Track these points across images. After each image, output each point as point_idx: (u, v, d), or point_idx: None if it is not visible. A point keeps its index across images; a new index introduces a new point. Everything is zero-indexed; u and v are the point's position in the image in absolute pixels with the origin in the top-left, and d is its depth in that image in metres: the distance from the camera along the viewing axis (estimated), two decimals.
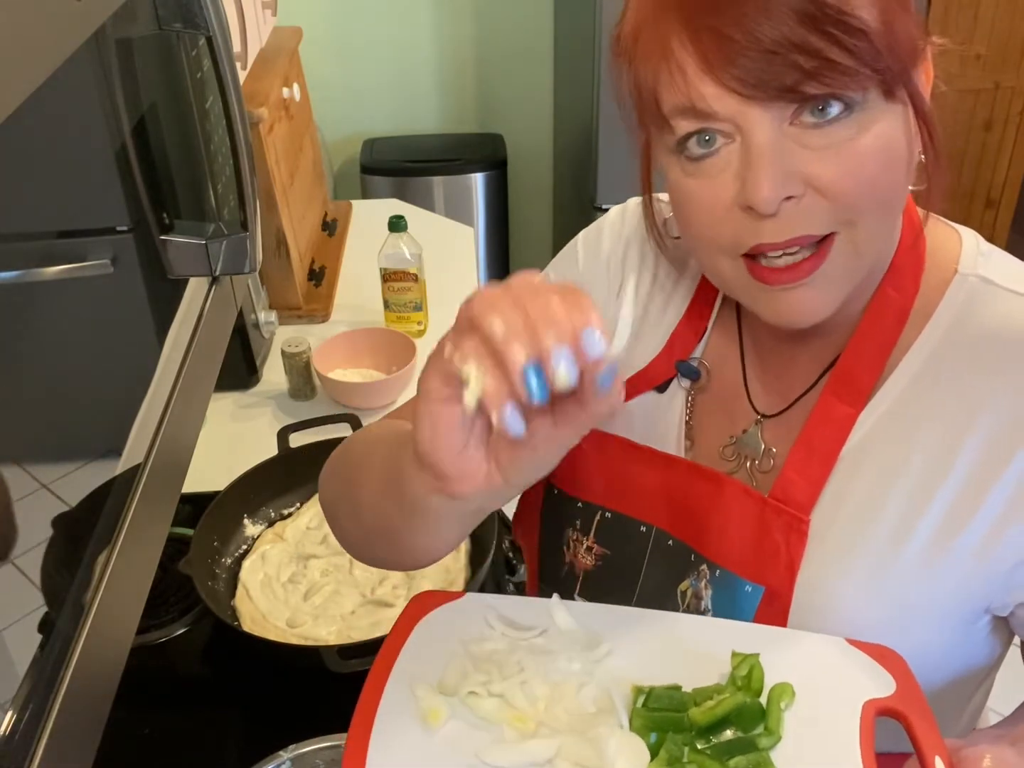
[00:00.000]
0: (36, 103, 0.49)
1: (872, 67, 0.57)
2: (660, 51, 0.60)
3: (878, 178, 0.60)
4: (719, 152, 0.61)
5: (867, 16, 0.57)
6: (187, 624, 1.16)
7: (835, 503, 0.68)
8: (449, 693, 0.61)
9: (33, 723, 0.49)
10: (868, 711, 0.59)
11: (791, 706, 0.60)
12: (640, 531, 0.75)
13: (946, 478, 0.65)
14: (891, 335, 0.68)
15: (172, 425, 0.73)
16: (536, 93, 3.15)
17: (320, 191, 2.12)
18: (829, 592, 0.67)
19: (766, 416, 0.74)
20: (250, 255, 0.84)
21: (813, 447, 0.68)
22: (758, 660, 0.62)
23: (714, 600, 0.71)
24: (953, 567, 0.65)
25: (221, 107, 0.77)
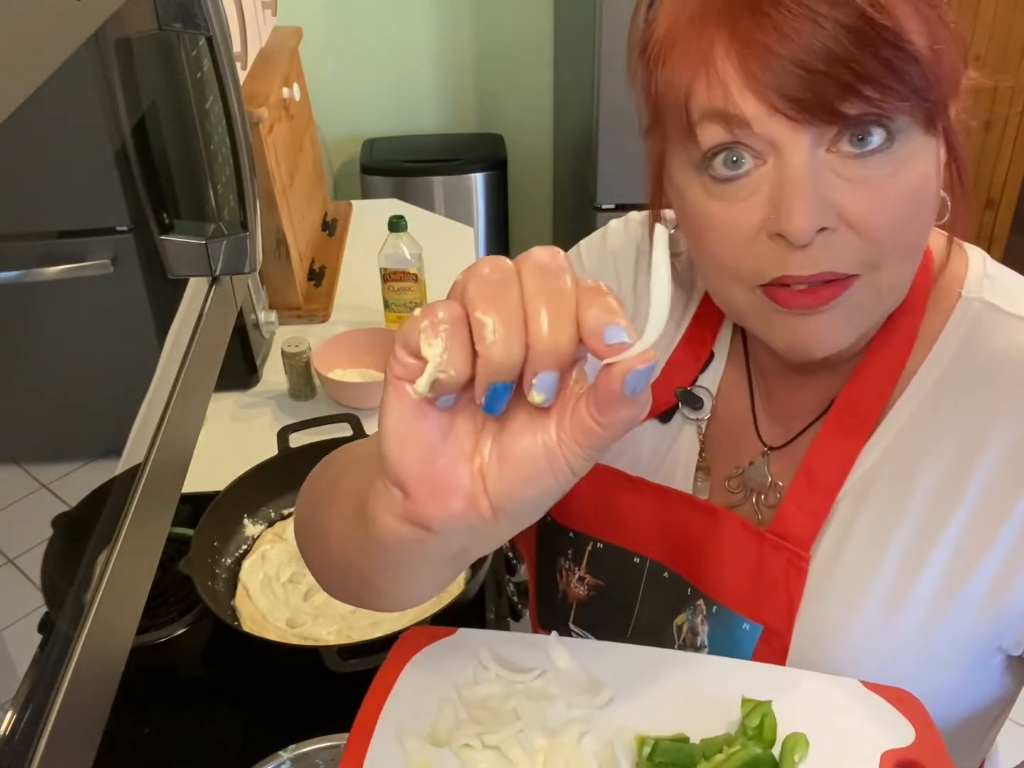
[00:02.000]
0: (36, 103, 0.49)
1: (920, 95, 0.54)
2: (700, 59, 0.56)
3: (910, 218, 0.57)
4: (748, 175, 0.57)
5: (919, 43, 0.54)
6: (187, 624, 1.16)
7: (838, 539, 0.65)
8: (441, 744, 0.57)
9: (33, 723, 0.49)
10: (887, 763, 0.56)
11: (805, 758, 0.57)
12: (634, 563, 0.72)
13: (954, 512, 0.63)
14: (897, 363, 0.65)
15: (172, 425, 0.73)
16: (536, 93, 3.15)
17: (320, 191, 2.12)
18: (832, 633, 0.65)
19: (772, 448, 0.71)
20: (250, 255, 0.84)
21: (814, 480, 0.65)
22: (770, 708, 0.58)
23: (711, 636, 0.68)
24: (965, 606, 0.63)
25: (221, 107, 0.77)
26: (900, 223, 0.57)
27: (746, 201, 0.57)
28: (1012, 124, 3.14)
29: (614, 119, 2.46)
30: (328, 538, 0.59)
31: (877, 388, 0.65)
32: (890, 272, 0.59)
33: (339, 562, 0.57)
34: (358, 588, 0.58)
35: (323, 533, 0.60)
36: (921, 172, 0.56)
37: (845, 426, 0.66)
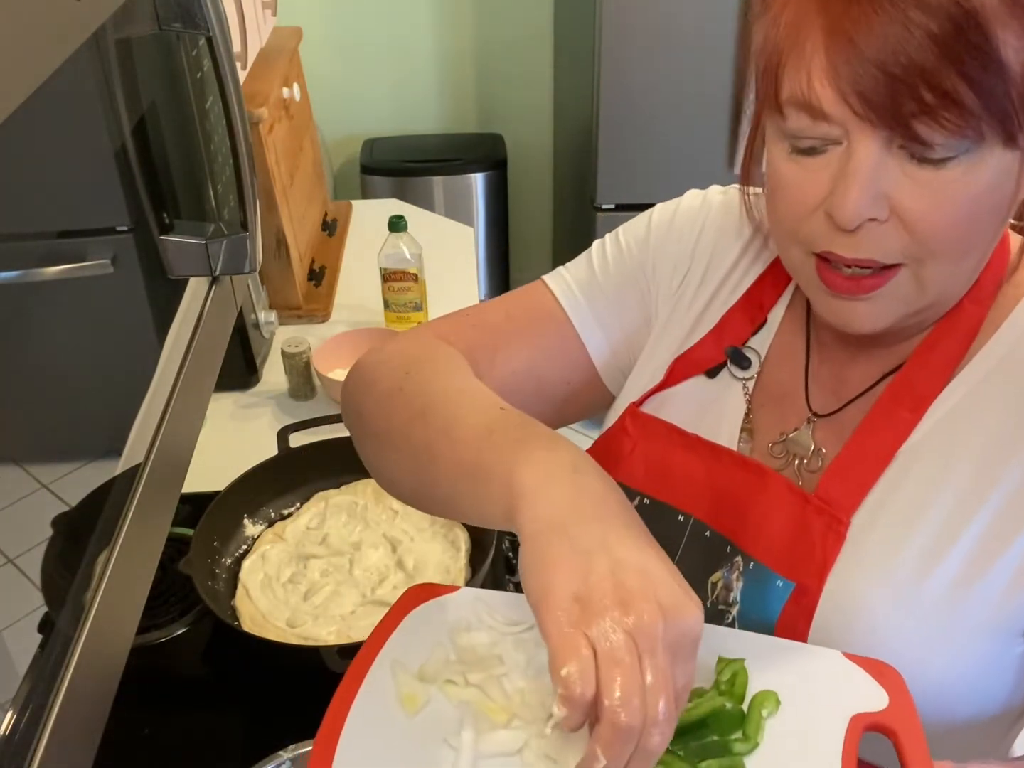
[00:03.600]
0: (36, 103, 0.49)
1: (999, 114, 0.53)
2: (793, 42, 0.58)
3: (969, 223, 0.58)
4: (826, 150, 0.59)
5: (1011, 57, 0.53)
6: (187, 624, 1.16)
7: (877, 509, 0.67)
8: (428, 680, 0.61)
9: (33, 723, 0.49)
10: (856, 725, 0.58)
11: (774, 714, 0.59)
12: (678, 520, 0.74)
13: (990, 494, 0.64)
14: (960, 347, 0.67)
15: (172, 425, 0.73)
16: (536, 93, 3.15)
17: (320, 191, 2.12)
18: (858, 597, 0.66)
19: (819, 415, 0.73)
20: (250, 255, 0.84)
21: (865, 449, 0.67)
22: (743, 666, 0.60)
23: (744, 592, 0.70)
24: (990, 586, 0.64)
25: (221, 107, 0.77)
26: (953, 228, 0.58)
27: (817, 173, 0.60)
28: None
29: (614, 119, 2.46)
30: (436, 455, 0.64)
31: (938, 370, 0.67)
32: (934, 270, 0.60)
33: (440, 500, 0.66)
34: (439, 511, 0.68)
35: (425, 475, 0.66)
36: (990, 181, 0.57)
37: (902, 401, 0.67)
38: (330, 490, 1.33)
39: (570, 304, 0.81)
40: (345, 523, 1.27)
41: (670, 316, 0.80)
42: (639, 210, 0.91)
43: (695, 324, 0.79)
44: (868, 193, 0.57)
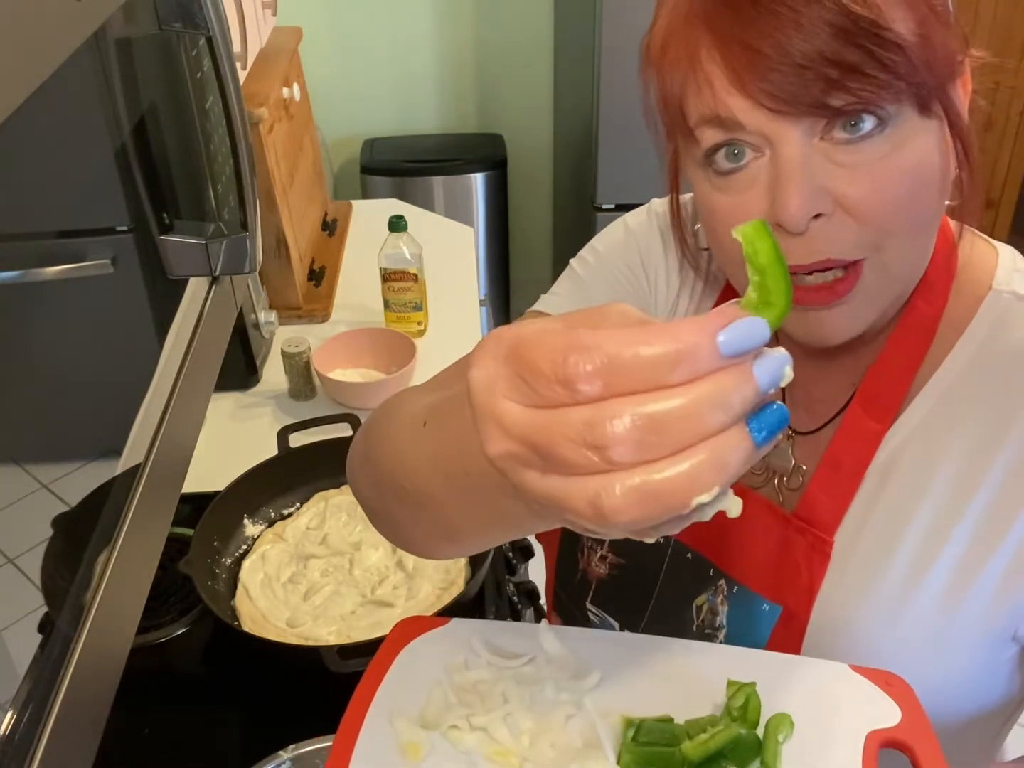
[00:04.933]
0: (36, 103, 0.49)
1: (907, 80, 0.55)
2: (688, 62, 0.58)
3: (910, 198, 0.58)
4: (748, 166, 0.59)
5: (903, 29, 0.55)
6: (187, 624, 1.16)
7: (859, 524, 0.66)
8: (430, 726, 0.58)
9: (33, 723, 0.49)
10: (872, 742, 0.56)
11: (789, 738, 0.57)
12: (658, 542, 0.73)
13: (972, 500, 0.64)
14: (919, 349, 0.66)
15: (172, 425, 0.73)
16: (536, 93, 3.15)
17: (320, 191, 2.12)
18: (848, 616, 0.65)
19: (798, 432, 0.72)
20: (250, 255, 0.84)
21: (840, 464, 0.66)
22: (754, 689, 0.59)
23: (730, 616, 0.69)
24: (979, 593, 0.63)
25: (221, 107, 0.77)
26: (898, 204, 0.57)
27: (747, 192, 0.59)
28: (1012, 124, 3.14)
29: (614, 119, 2.46)
30: (409, 470, 0.58)
31: (899, 375, 0.66)
32: (896, 250, 0.59)
33: (416, 495, 0.57)
34: (426, 523, 0.58)
35: (405, 463, 0.59)
36: (918, 153, 0.57)
37: (869, 412, 0.66)
38: (330, 490, 1.33)
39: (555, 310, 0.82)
40: (345, 523, 1.27)
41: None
42: None
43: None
44: (806, 189, 0.56)
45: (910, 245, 0.60)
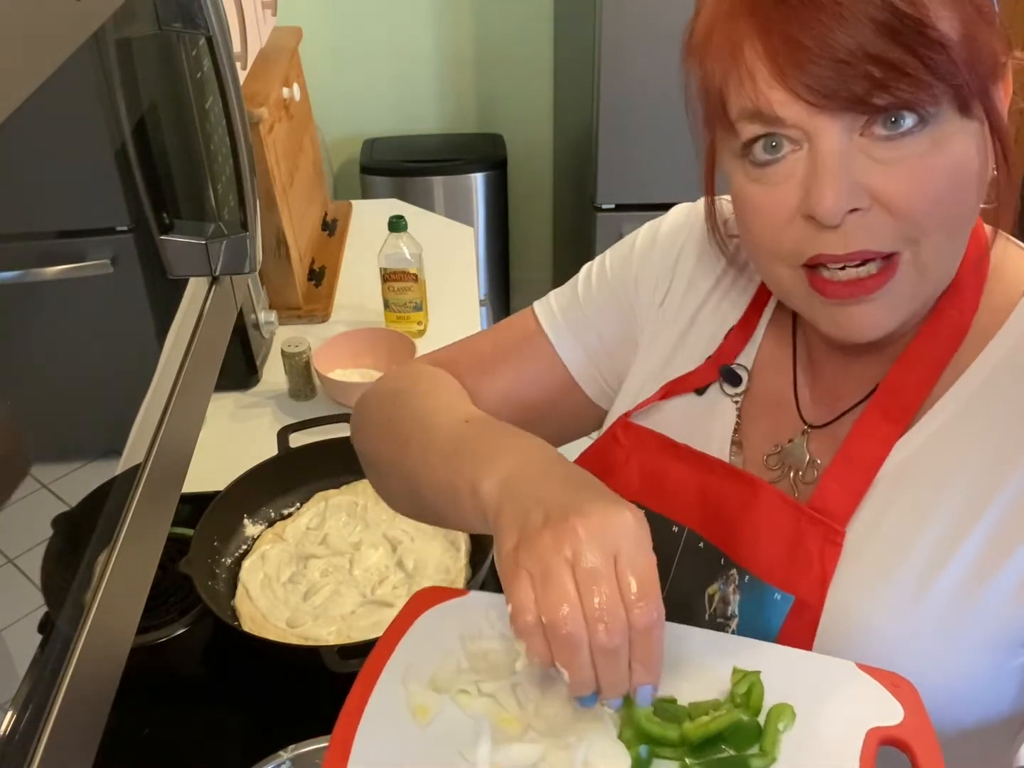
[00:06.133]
0: (36, 103, 0.49)
1: (948, 81, 0.55)
2: (731, 53, 0.58)
3: (947, 197, 0.58)
4: (785, 159, 0.59)
5: (947, 28, 0.55)
6: (187, 624, 1.16)
7: (874, 519, 0.66)
8: (441, 690, 0.61)
9: (33, 723, 0.49)
10: (871, 739, 0.57)
11: (790, 728, 0.58)
12: (672, 531, 0.74)
13: (987, 509, 0.63)
14: (944, 354, 0.66)
15: (172, 425, 0.73)
16: (536, 93, 3.15)
17: (320, 191, 2.12)
18: (861, 608, 0.65)
19: (813, 427, 0.72)
20: (250, 255, 0.84)
21: (853, 460, 0.67)
22: (759, 678, 0.60)
23: (742, 606, 0.69)
24: (992, 597, 0.63)
25: (221, 107, 0.77)
26: (935, 201, 0.57)
27: (783, 184, 0.60)
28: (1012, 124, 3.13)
29: (614, 119, 2.46)
30: (419, 489, 0.70)
31: (923, 377, 0.66)
32: (931, 249, 0.60)
33: (428, 506, 0.71)
34: (408, 494, 0.74)
35: (413, 484, 0.71)
36: (958, 152, 0.57)
37: (887, 411, 0.66)
38: (330, 490, 1.33)
39: (549, 324, 0.83)
40: (345, 523, 1.27)
41: (656, 331, 0.81)
42: (639, 210, 0.92)
43: (680, 338, 0.80)
44: (843, 183, 0.57)
45: (945, 244, 0.60)
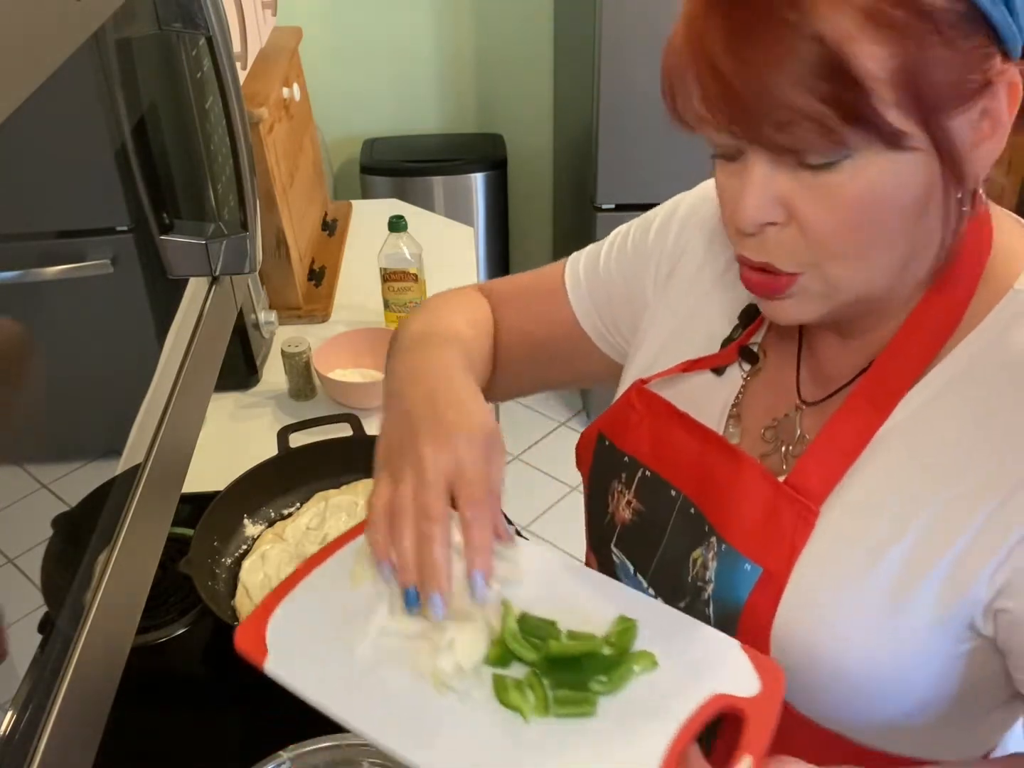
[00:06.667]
0: (36, 103, 0.49)
1: (866, 123, 0.55)
2: (680, 75, 0.61)
3: (859, 226, 0.59)
4: (739, 156, 0.61)
5: (875, 68, 0.54)
6: (187, 624, 1.16)
7: (844, 500, 0.68)
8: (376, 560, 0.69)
9: (33, 723, 0.49)
10: (716, 702, 0.61)
11: (649, 673, 0.63)
12: (670, 495, 0.77)
13: (936, 500, 0.64)
14: (938, 337, 0.66)
15: (172, 425, 0.73)
16: (536, 93, 3.15)
17: (320, 191, 2.12)
18: (819, 587, 0.67)
19: (807, 403, 0.75)
20: (250, 255, 0.84)
21: (835, 438, 0.68)
22: (634, 624, 0.65)
23: (717, 573, 0.72)
24: (932, 583, 0.64)
25: (221, 107, 0.77)
26: (847, 229, 0.59)
27: (733, 179, 0.62)
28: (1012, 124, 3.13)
29: (614, 119, 2.46)
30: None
31: (909, 364, 0.67)
32: (837, 271, 0.62)
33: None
34: None
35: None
36: (877, 183, 0.57)
37: (872, 393, 0.68)
38: (330, 490, 1.33)
39: (572, 279, 0.91)
40: (345, 523, 1.27)
41: (669, 301, 0.85)
42: (639, 210, 0.93)
43: (694, 313, 0.82)
44: (761, 199, 0.59)
45: (857, 267, 0.62)
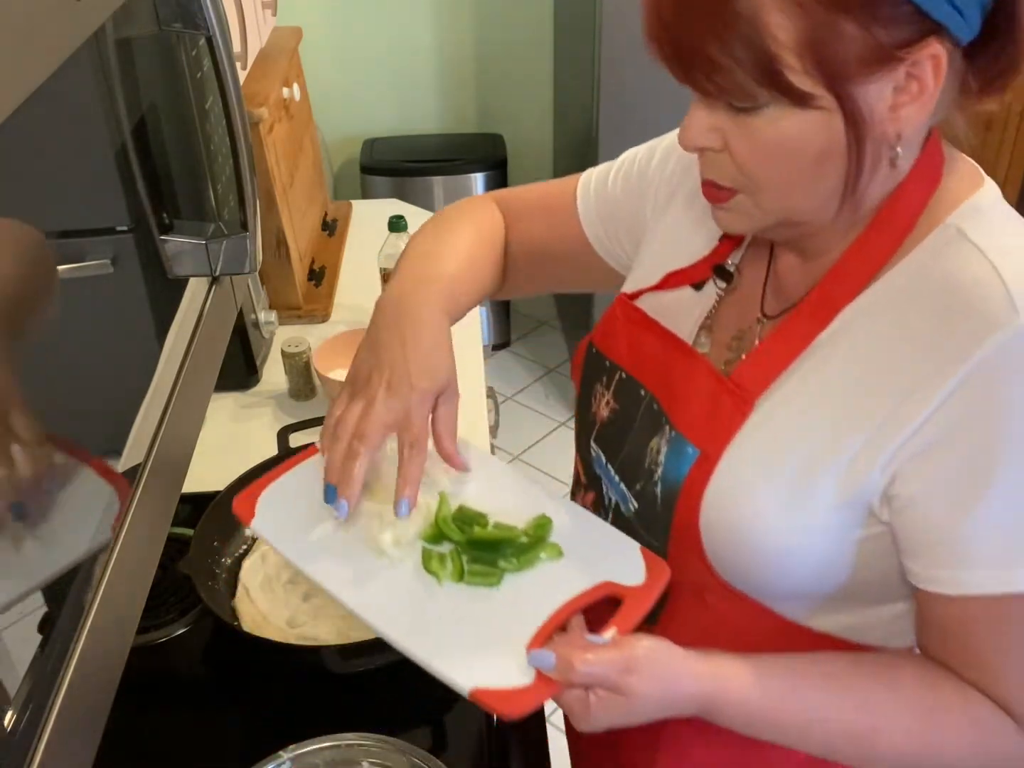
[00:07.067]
0: (36, 103, 0.49)
1: (767, 81, 0.62)
2: (644, 4, 0.68)
3: (780, 166, 0.68)
4: None
5: (783, 36, 0.61)
6: (187, 624, 1.16)
7: (776, 396, 0.77)
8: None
9: (33, 723, 0.49)
10: (603, 587, 0.76)
11: (552, 561, 0.79)
12: (640, 394, 0.87)
13: (860, 391, 0.72)
14: (869, 269, 0.74)
15: (172, 425, 0.73)
16: (536, 93, 3.15)
17: (320, 191, 2.12)
18: (742, 468, 0.77)
19: (767, 317, 0.83)
20: (250, 255, 0.84)
21: (776, 346, 0.77)
22: (549, 522, 0.81)
23: (667, 456, 0.82)
24: (835, 468, 0.72)
25: (221, 107, 0.77)
26: (763, 165, 0.69)
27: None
28: (1012, 124, 3.14)
29: (614, 119, 2.46)
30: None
31: (848, 285, 0.74)
32: (765, 199, 0.71)
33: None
34: None
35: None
36: (787, 133, 0.66)
37: (815, 307, 0.76)
38: None
39: (582, 193, 1.00)
40: None
41: (666, 222, 0.93)
42: None
43: (684, 233, 0.90)
44: (699, 128, 0.69)
45: (774, 196, 0.71)
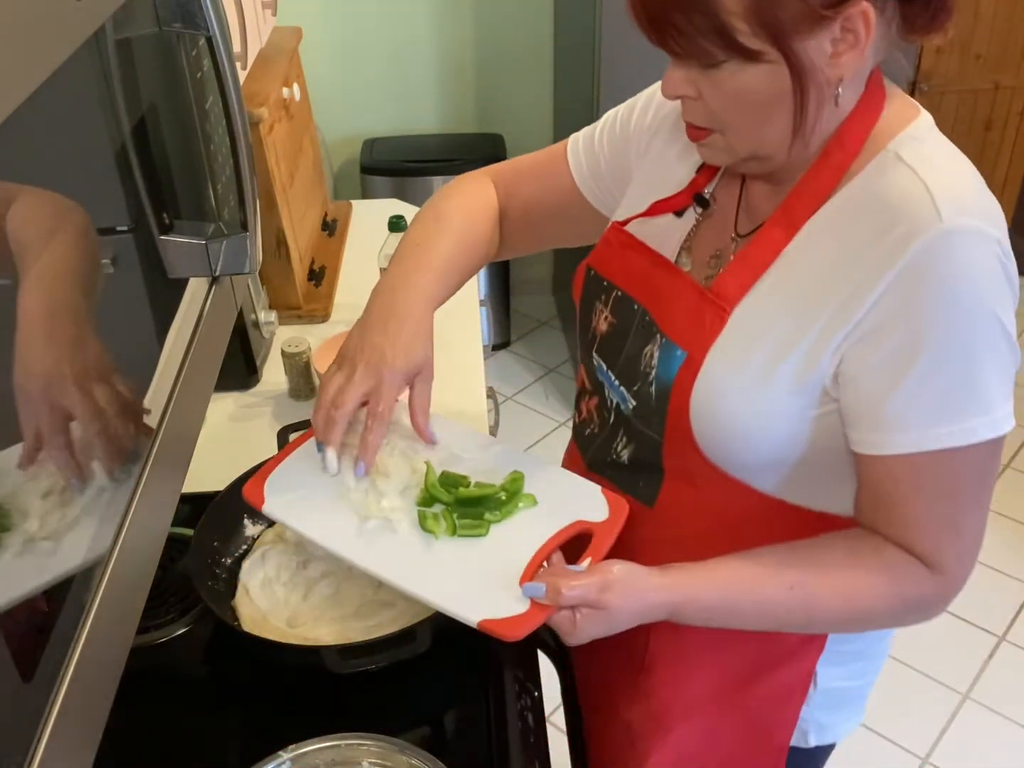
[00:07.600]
0: (36, 103, 0.49)
1: (723, 45, 0.76)
2: None
3: (737, 111, 0.81)
4: None
5: (730, 3, 0.73)
6: (187, 624, 1.16)
7: (750, 303, 0.89)
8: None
9: (33, 723, 0.49)
10: (575, 526, 0.94)
11: (531, 508, 0.96)
12: (633, 308, 0.99)
13: (815, 293, 0.84)
14: (823, 190, 0.86)
15: (172, 425, 0.73)
16: (536, 93, 3.15)
17: (320, 191, 2.12)
18: (724, 364, 0.89)
19: (740, 235, 0.95)
20: (250, 255, 0.84)
21: (748, 259, 0.89)
22: (522, 475, 0.97)
23: (659, 360, 0.95)
24: (799, 352, 0.85)
25: (221, 107, 0.77)
26: (729, 111, 0.82)
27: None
28: (1012, 124, 3.14)
29: None
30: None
31: (807, 203, 0.87)
32: (734, 137, 0.84)
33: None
34: None
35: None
36: (744, 84, 0.79)
37: (779, 225, 0.88)
38: None
39: (572, 151, 1.15)
40: None
41: (651, 158, 1.05)
42: None
43: (667, 167, 1.02)
44: (675, 80, 0.83)
45: (742, 136, 0.84)
